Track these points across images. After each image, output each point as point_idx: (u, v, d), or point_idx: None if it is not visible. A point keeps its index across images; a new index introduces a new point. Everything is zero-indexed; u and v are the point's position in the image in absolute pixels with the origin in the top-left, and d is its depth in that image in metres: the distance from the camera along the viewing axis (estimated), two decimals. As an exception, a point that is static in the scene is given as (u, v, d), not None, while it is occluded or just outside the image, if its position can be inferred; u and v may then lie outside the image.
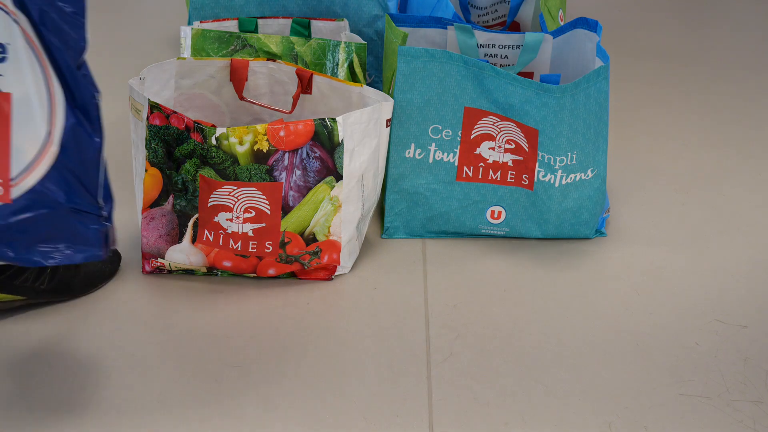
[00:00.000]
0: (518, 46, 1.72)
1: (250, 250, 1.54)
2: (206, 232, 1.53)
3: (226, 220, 1.52)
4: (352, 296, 1.58)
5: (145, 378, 1.38)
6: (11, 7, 1.12)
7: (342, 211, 1.56)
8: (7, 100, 1.12)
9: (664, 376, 1.39)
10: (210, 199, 1.51)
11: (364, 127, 1.53)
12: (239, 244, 1.54)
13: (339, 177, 1.53)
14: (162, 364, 1.41)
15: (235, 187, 1.50)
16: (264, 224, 1.52)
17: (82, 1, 1.16)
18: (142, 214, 1.55)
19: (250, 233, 1.53)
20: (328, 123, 1.50)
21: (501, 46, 1.76)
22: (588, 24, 1.67)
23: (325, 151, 1.51)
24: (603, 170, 1.67)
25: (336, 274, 1.63)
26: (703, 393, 1.36)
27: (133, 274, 1.62)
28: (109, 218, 1.23)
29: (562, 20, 2.00)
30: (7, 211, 1.15)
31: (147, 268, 1.61)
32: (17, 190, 1.15)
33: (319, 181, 1.53)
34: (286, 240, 1.54)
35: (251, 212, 1.52)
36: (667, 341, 1.47)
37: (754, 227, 1.81)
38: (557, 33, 1.71)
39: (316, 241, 1.57)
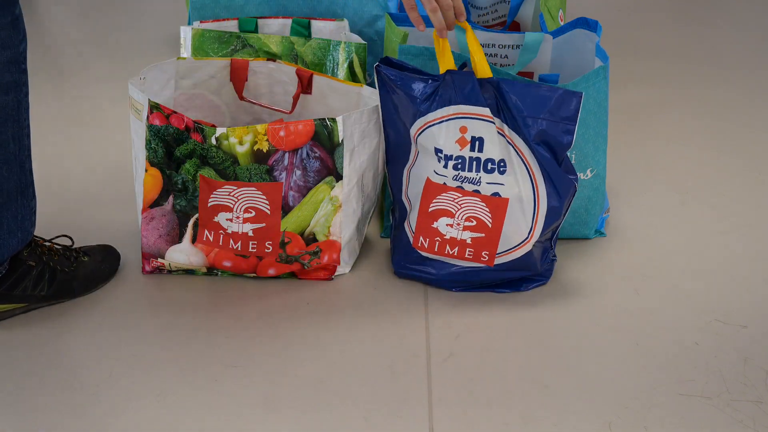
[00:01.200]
0: (518, 46, 1.72)
1: (250, 250, 1.54)
2: (206, 232, 1.53)
3: (226, 220, 1.52)
4: (352, 296, 1.58)
5: (145, 378, 1.38)
6: (507, 131, 1.44)
7: (342, 211, 1.56)
8: (505, 203, 1.47)
9: (664, 376, 1.39)
10: (210, 199, 1.51)
11: (364, 127, 1.53)
12: (239, 244, 1.53)
13: (339, 177, 1.53)
14: (162, 364, 1.41)
15: (235, 187, 1.50)
16: (264, 224, 1.52)
17: (574, 110, 1.42)
18: (142, 214, 1.55)
19: (250, 233, 1.53)
20: (328, 123, 1.50)
21: (501, 46, 1.75)
22: (588, 24, 1.67)
23: (325, 151, 1.51)
24: (602, 170, 1.67)
25: (336, 274, 1.63)
26: (703, 393, 1.36)
27: (133, 274, 1.62)
28: (555, 254, 1.60)
29: (562, 20, 2.00)
30: (490, 270, 1.54)
31: (147, 268, 1.61)
32: (499, 260, 1.53)
33: (319, 181, 1.53)
34: (286, 240, 1.54)
35: (251, 212, 1.52)
36: (667, 341, 1.47)
37: (753, 227, 1.81)
38: (557, 33, 1.71)
39: (316, 241, 1.57)
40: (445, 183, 1.49)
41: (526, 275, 1.57)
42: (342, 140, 1.51)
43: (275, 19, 1.82)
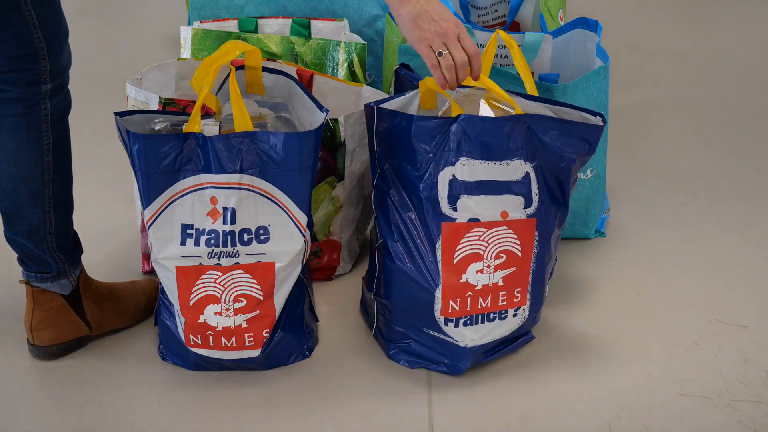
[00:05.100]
0: (518, 47, 1.72)
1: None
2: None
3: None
4: (352, 296, 1.58)
5: (145, 377, 1.38)
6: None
7: (343, 211, 1.56)
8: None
9: (664, 376, 1.39)
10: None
11: (364, 126, 1.53)
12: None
13: (340, 177, 1.53)
14: (162, 363, 1.41)
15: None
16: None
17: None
18: (141, 214, 1.55)
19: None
20: (330, 123, 1.49)
21: (501, 46, 1.75)
22: (588, 24, 1.67)
23: (326, 151, 1.51)
24: (602, 170, 1.67)
25: (336, 274, 1.63)
26: (703, 393, 1.36)
27: (133, 275, 1.62)
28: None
29: (562, 20, 2.00)
30: None
31: (147, 268, 1.61)
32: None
33: (321, 181, 1.53)
34: (286, 240, 1.54)
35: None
36: (667, 341, 1.47)
37: (753, 227, 1.81)
38: (557, 33, 1.71)
39: (317, 240, 1.57)
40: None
41: None
42: (344, 141, 1.51)
43: (275, 19, 1.82)
